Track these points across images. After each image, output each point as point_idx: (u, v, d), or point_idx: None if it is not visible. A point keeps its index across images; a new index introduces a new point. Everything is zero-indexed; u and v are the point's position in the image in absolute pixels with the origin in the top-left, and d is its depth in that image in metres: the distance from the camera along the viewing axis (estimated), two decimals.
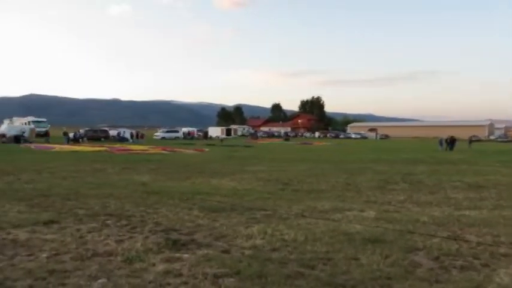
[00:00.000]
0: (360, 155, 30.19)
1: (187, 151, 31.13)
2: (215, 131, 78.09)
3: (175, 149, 32.36)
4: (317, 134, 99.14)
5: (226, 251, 5.48)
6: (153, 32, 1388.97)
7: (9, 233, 6.19)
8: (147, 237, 6.08)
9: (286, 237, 6.20)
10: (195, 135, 68.98)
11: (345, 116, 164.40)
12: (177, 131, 68.66)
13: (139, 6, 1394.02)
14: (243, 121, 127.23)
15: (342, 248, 5.66)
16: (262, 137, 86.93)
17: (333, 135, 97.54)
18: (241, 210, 8.23)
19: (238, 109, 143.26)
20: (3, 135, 40.74)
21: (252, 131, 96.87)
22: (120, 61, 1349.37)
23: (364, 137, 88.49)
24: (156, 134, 67.41)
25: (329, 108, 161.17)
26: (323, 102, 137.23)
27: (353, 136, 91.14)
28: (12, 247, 5.52)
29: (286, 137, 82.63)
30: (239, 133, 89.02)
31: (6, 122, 55.75)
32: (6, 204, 8.44)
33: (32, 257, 5.12)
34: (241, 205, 8.77)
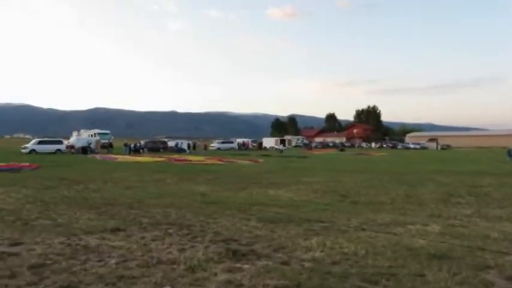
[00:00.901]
0: (420, 166, 29.00)
1: (243, 162, 31.53)
2: (269, 142, 78.44)
3: (230, 160, 32.92)
4: (373, 144, 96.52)
5: (285, 263, 5.47)
6: (208, 45, 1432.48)
7: (81, 239, 6.59)
8: (207, 247, 6.21)
9: (346, 250, 6.08)
10: (250, 146, 69.73)
11: (402, 125, 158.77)
12: (232, 142, 69.79)
13: (195, 22, 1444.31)
14: (297, 131, 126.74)
15: (405, 264, 5.46)
16: (317, 147, 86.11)
17: (390, 145, 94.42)
18: (298, 221, 8.19)
19: (292, 119, 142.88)
20: (72, 147, 43.58)
21: (306, 141, 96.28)
22: (178, 74, 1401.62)
23: (423, 147, 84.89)
24: (211, 145, 68.97)
25: (386, 117, 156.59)
26: (379, 112, 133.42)
27: (412, 146, 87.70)
28: (84, 252, 5.86)
29: (342, 147, 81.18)
30: (293, 144, 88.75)
31: (74, 134, 59.63)
32: (77, 212, 9.01)
33: (102, 263, 5.41)
34: (299, 216, 8.73)
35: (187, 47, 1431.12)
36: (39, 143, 42.95)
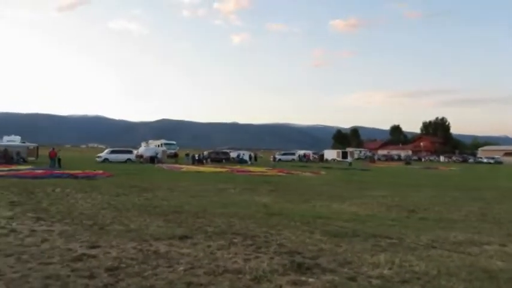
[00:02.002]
0: (495, 182, 27.07)
1: (304, 174, 31.33)
2: (331, 154, 77.29)
3: (291, 172, 32.84)
4: (442, 157, 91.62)
5: (352, 279, 5.34)
6: (270, 57, 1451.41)
7: (151, 245, 6.89)
8: (272, 258, 6.23)
9: (416, 269, 5.82)
10: (311, 158, 69.14)
11: (474, 138, 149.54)
12: (293, 154, 69.63)
13: (258, 35, 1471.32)
14: (359, 144, 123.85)
15: (482, 287, 5.12)
16: (380, 160, 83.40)
17: (460, 159, 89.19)
18: (364, 236, 7.97)
19: (355, 131, 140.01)
20: (141, 156, 45.80)
21: (369, 154, 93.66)
22: (240, 87, 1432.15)
23: (498, 162, 79.17)
24: (274, 156, 69.26)
25: (455, 130, 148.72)
26: (448, 124, 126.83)
27: (485, 160, 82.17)
28: (154, 258, 6.12)
29: (408, 160, 77.92)
30: (355, 156, 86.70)
31: (143, 144, 62.57)
32: (147, 219, 9.45)
33: (171, 269, 5.62)
34: (364, 231, 8.49)
35: (250, 60, 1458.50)
36: (112, 152, 45.60)
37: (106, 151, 47.01)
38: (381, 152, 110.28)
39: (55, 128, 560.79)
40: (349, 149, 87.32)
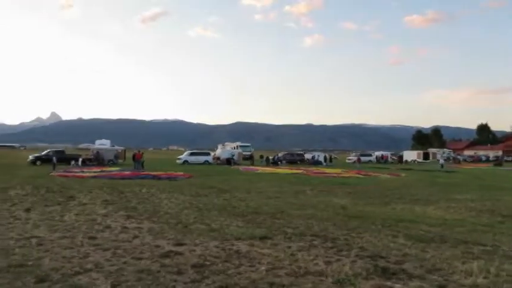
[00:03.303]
0: None
1: (382, 175, 30.20)
2: (411, 155, 73.61)
3: (369, 173, 31.83)
4: None
5: (442, 287, 5.04)
6: (344, 57, 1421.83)
7: (233, 244, 7.07)
8: (354, 262, 6.09)
9: None
10: (389, 159, 66.48)
11: None
12: (370, 155, 67.50)
13: (331, 35, 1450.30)
14: (442, 144, 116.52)
15: None
16: (466, 161, 77.79)
17: None
18: (453, 242, 7.48)
19: (437, 131, 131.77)
20: (218, 158, 47.26)
21: (453, 155, 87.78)
22: (313, 87, 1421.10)
23: None
24: (348, 157, 67.72)
25: None
26: None
27: None
28: (236, 257, 6.27)
29: (497, 161, 71.79)
30: (438, 157, 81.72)
31: (219, 146, 64.52)
32: (227, 219, 9.71)
33: (253, 268, 5.71)
34: (453, 237, 7.97)
35: (323, 60, 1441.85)
36: (191, 154, 47.62)
37: (185, 153, 49.17)
38: (467, 152, 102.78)
39: (139, 132, 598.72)
40: (431, 150, 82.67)
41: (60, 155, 37.90)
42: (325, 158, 53.84)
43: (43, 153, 40.46)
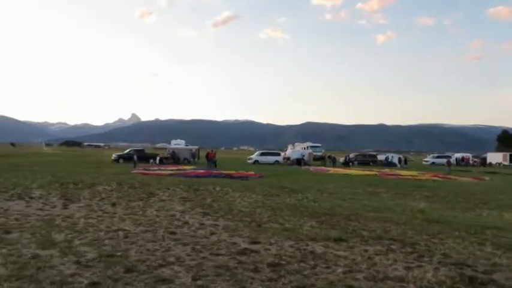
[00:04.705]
0: None
1: (463, 179, 28.33)
2: (496, 157, 68.12)
3: (448, 176, 30.01)
4: None
5: None
6: (419, 54, 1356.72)
7: (307, 245, 7.04)
8: (437, 269, 5.77)
9: None
10: (471, 162, 62.17)
11: None
12: (449, 157, 63.58)
13: (405, 31, 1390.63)
14: None
15: None
16: None
17: None
18: None
19: None
20: (288, 158, 47.34)
21: None
22: (385, 86, 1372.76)
23: None
24: (425, 159, 64.44)
25: None
26: None
27: None
28: (312, 258, 6.23)
29: None
30: None
31: (289, 147, 64.60)
32: (300, 219, 9.69)
33: (329, 270, 5.64)
34: None
35: (396, 58, 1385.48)
36: (261, 154, 48.22)
37: (256, 153, 49.88)
38: None
39: (211, 132, 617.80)
40: None
41: (140, 153, 40.26)
42: (399, 159, 51.70)
43: (125, 152, 43.28)
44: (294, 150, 54.36)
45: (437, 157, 63.57)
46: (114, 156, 41.69)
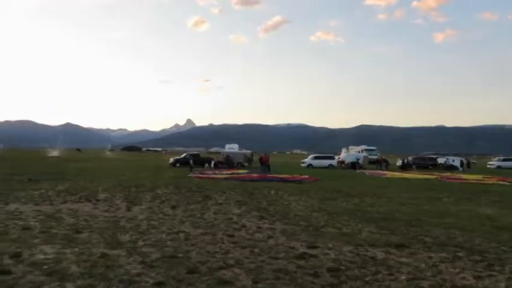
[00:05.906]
0: None
1: None
2: None
3: None
4: None
5: None
6: (480, 51, 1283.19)
7: (367, 251, 6.88)
8: (510, 279, 5.42)
9: None
10: None
11: None
12: None
13: (465, 29, 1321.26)
14: None
15: None
16: None
17: None
18: None
19: None
20: (343, 162, 46.46)
21: None
22: (445, 87, 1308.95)
23: None
24: (490, 162, 60.67)
25: None
26: None
27: None
28: (372, 264, 6.08)
29: None
30: None
31: (343, 150, 63.32)
32: (358, 224, 9.48)
33: (392, 277, 5.47)
34: None
35: (455, 57, 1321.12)
36: (315, 158, 47.67)
37: (310, 157, 49.38)
38: None
39: (264, 136, 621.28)
40: None
41: (195, 158, 41.26)
42: (461, 162, 49.01)
43: (181, 156, 44.60)
44: (348, 154, 53.22)
45: (504, 160, 59.60)
46: (171, 160, 43.08)
